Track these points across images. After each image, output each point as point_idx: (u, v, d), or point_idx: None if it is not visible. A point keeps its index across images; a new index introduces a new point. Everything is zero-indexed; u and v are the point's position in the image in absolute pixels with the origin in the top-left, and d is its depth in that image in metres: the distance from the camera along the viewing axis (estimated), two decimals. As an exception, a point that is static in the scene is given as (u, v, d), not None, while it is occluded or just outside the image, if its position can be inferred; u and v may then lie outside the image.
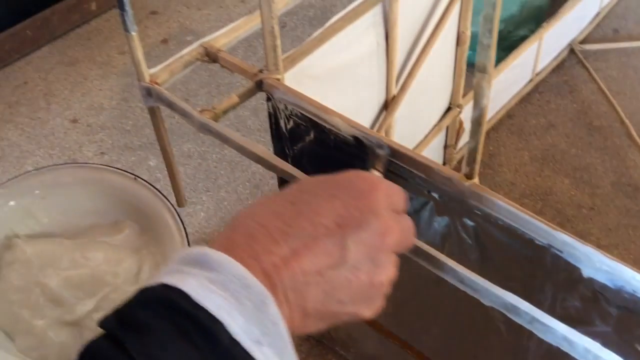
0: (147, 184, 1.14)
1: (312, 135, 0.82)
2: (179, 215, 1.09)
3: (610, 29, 1.95)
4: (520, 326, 0.58)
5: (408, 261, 0.61)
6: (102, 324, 0.35)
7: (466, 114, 1.44)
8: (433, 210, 0.74)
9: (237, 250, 0.37)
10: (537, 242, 0.62)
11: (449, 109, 1.41)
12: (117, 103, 1.77)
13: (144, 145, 1.65)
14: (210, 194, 1.52)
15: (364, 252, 0.40)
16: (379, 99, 1.14)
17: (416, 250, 0.61)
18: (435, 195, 0.72)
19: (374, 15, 1.01)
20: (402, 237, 0.43)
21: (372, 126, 1.16)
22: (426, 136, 1.37)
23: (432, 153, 1.44)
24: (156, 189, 1.14)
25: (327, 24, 0.92)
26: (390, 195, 0.43)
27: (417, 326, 1.01)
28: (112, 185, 1.16)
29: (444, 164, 1.54)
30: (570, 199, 1.46)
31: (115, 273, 1.06)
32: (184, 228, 1.10)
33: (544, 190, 1.48)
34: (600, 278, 0.60)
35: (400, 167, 0.71)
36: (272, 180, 1.52)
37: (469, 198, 0.66)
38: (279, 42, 0.78)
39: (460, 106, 1.41)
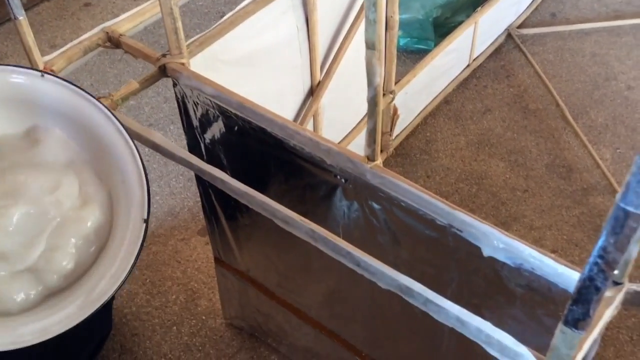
0: (56, 78, 0.83)
1: (220, 122, 0.80)
2: (104, 105, 0.83)
3: (547, 13, 1.96)
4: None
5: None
6: None
7: (400, 100, 1.43)
8: (342, 195, 0.72)
9: None
10: (438, 222, 0.61)
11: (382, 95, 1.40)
12: (47, 98, 1.71)
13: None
14: (142, 188, 1.48)
15: None
16: (303, 85, 1.12)
17: (313, 235, 0.59)
18: (342, 179, 0.70)
19: (291, -2, 0.99)
20: None
21: (298, 112, 1.14)
22: (359, 123, 1.36)
23: (367, 140, 1.43)
24: (71, 82, 0.85)
25: (238, 7, 0.89)
26: None
27: (342, 315, 0.99)
28: (14, 87, 0.89)
29: (381, 151, 1.53)
30: (505, 182, 1.46)
31: (58, 202, 0.89)
32: (114, 116, 0.84)
33: (480, 174, 1.48)
34: (500, 257, 0.59)
35: (305, 151, 0.69)
36: (207, 172, 1.48)
37: (371, 180, 0.65)
38: (179, 24, 0.75)
39: (393, 92, 1.39)
